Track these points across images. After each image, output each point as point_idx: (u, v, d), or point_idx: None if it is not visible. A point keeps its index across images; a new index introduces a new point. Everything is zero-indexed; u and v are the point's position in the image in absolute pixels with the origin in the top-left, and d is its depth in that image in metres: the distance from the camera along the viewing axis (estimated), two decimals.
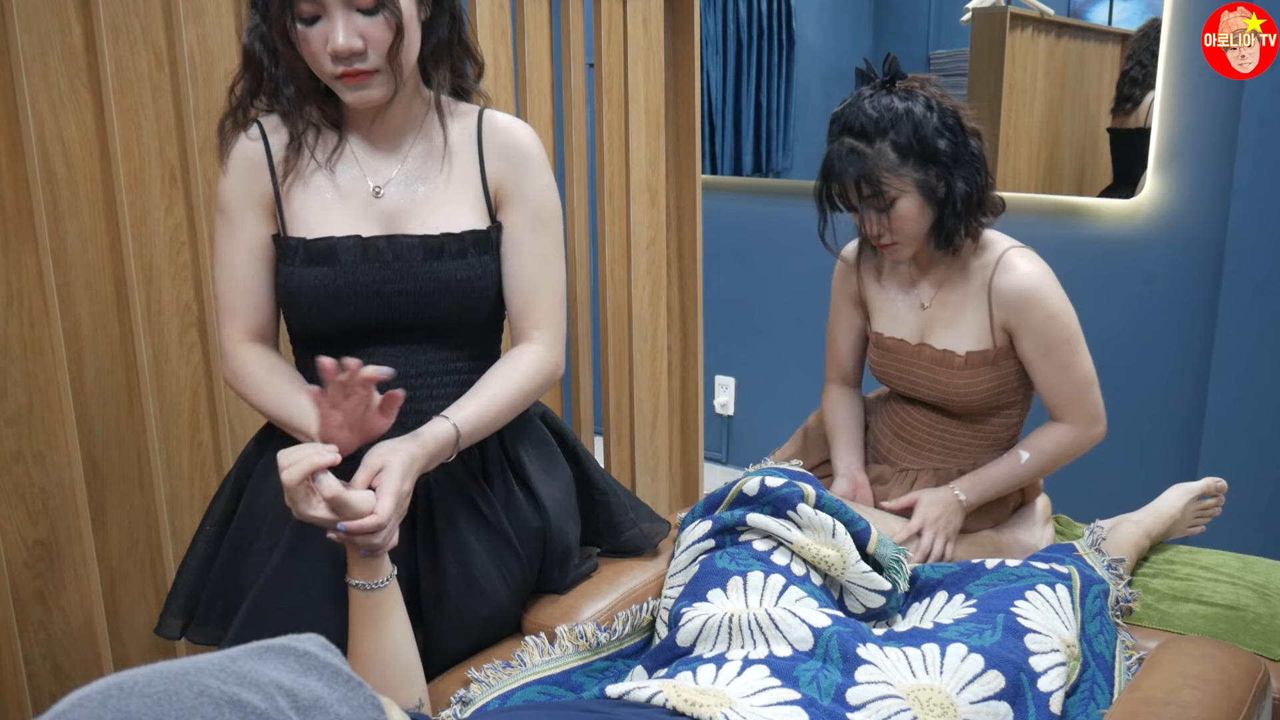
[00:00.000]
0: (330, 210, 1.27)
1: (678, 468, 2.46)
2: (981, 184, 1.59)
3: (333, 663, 0.73)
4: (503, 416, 1.30)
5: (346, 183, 1.28)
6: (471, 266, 1.28)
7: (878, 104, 1.55)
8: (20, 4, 1.32)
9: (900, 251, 1.62)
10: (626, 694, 1.05)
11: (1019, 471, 1.64)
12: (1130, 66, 2.65)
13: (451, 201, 1.29)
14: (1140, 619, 1.51)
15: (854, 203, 1.59)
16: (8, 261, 1.36)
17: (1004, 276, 1.59)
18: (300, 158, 1.27)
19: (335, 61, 1.17)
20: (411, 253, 1.26)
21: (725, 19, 3.37)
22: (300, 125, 1.26)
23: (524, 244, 1.31)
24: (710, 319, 2.61)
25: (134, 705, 0.63)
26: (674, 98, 2.27)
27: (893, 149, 1.54)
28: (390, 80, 1.20)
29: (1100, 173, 2.79)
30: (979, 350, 1.62)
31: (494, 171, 1.30)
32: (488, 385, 1.29)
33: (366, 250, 1.25)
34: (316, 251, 1.25)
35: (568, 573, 1.44)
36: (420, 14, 1.22)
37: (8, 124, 1.34)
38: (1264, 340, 2.43)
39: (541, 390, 1.34)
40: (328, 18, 1.15)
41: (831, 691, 1.10)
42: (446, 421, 1.23)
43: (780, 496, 1.41)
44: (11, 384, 1.38)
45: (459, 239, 1.27)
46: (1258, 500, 2.46)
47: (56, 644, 1.47)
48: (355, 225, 1.27)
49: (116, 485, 1.51)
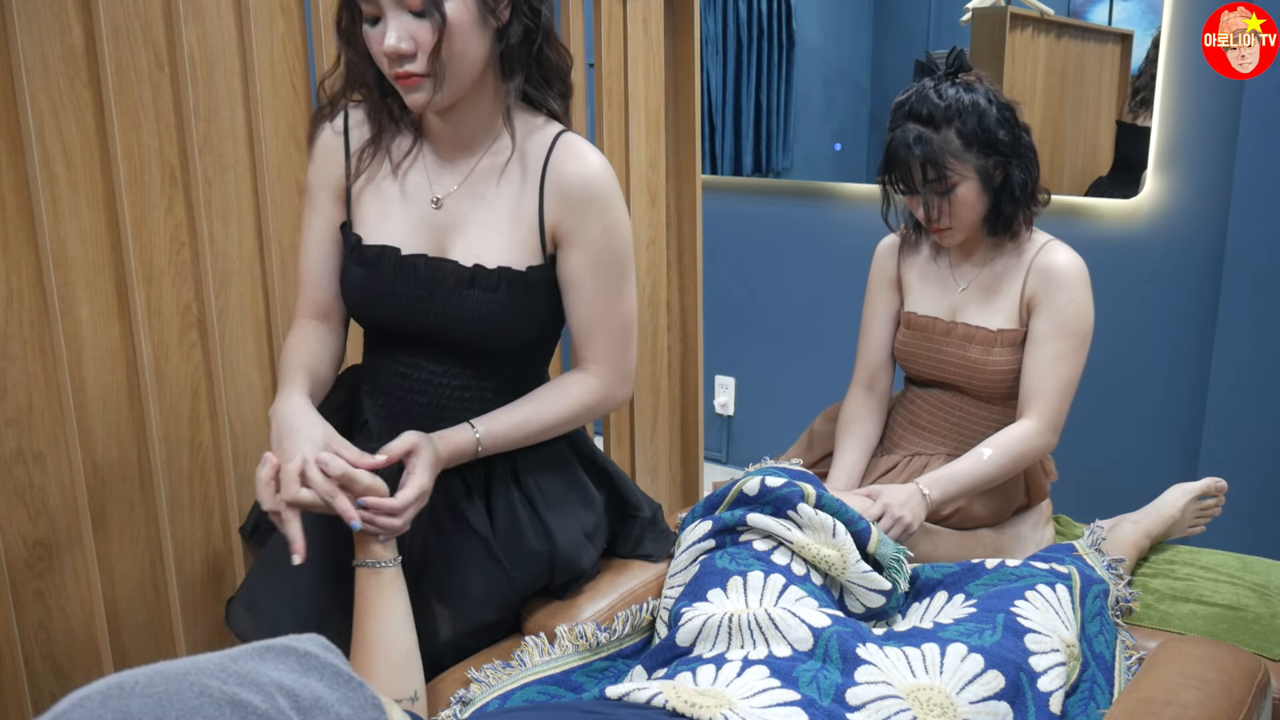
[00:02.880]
0: (390, 214, 1.31)
1: (678, 468, 2.46)
2: (1035, 174, 1.68)
3: (333, 663, 0.73)
4: (532, 437, 1.33)
5: (411, 189, 1.31)
6: (500, 303, 1.28)
7: (944, 93, 1.64)
8: (20, 4, 1.31)
9: (953, 236, 1.69)
10: (626, 695, 1.05)
11: (981, 468, 1.64)
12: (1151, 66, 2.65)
13: (500, 232, 1.29)
14: (1140, 619, 1.51)
15: (916, 186, 1.66)
16: (8, 261, 1.36)
17: (1048, 256, 1.68)
18: (376, 158, 1.32)
19: (389, 63, 1.19)
20: (444, 277, 1.28)
21: (725, 19, 3.37)
22: (381, 120, 1.30)
23: (584, 285, 1.31)
24: (710, 319, 2.61)
25: (134, 705, 0.63)
26: (674, 98, 2.27)
27: (958, 136, 1.62)
28: (437, 84, 1.19)
29: (1099, 171, 2.79)
30: (1009, 329, 1.68)
31: (551, 210, 1.29)
32: (525, 405, 1.32)
33: (404, 265, 1.29)
34: (364, 255, 1.31)
35: (571, 587, 1.43)
36: (487, 21, 1.20)
37: (8, 124, 1.34)
38: (1264, 340, 2.43)
39: (585, 419, 1.37)
40: (384, 19, 1.18)
41: (831, 692, 1.10)
42: (470, 430, 1.27)
43: (780, 496, 1.41)
44: (11, 384, 1.38)
45: (491, 275, 1.28)
46: (1258, 500, 2.46)
47: (56, 644, 1.47)
48: (408, 234, 1.30)
49: (116, 485, 1.51)
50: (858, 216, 2.93)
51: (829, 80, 3.42)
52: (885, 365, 1.85)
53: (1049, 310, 1.65)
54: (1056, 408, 1.64)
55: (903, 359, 1.81)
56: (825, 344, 3.10)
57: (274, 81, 1.61)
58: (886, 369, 1.86)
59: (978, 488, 1.65)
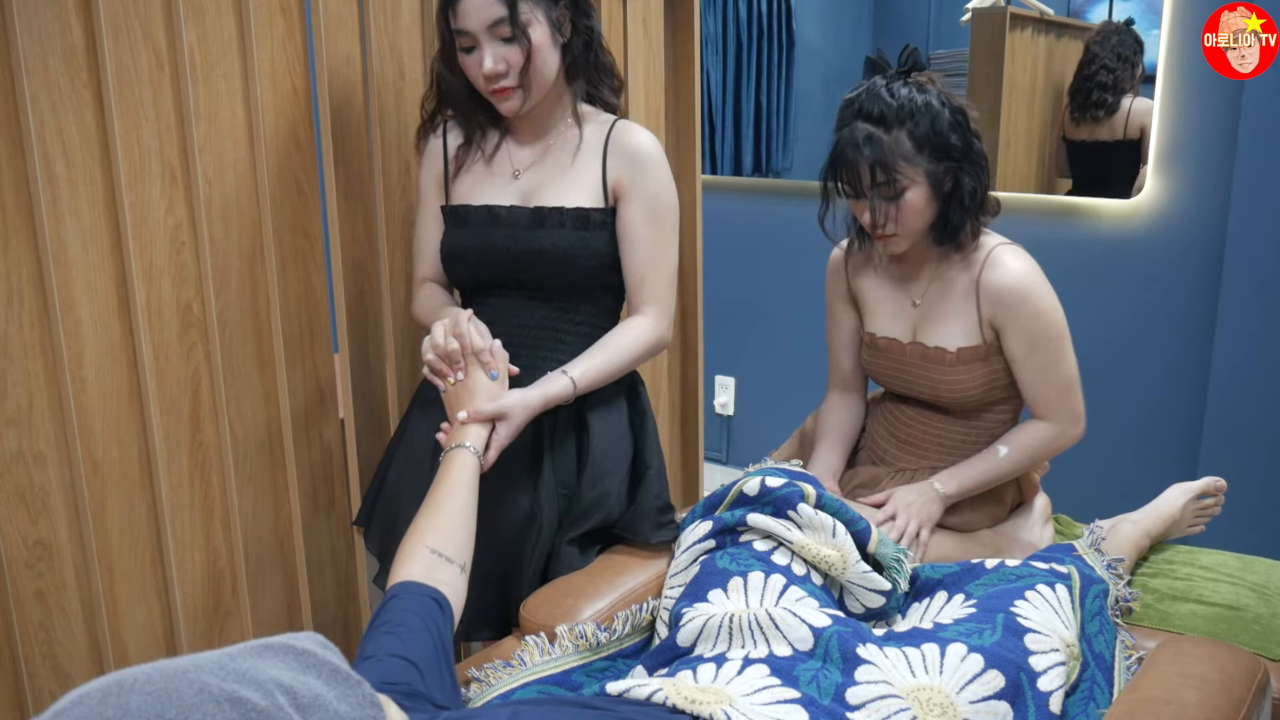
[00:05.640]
0: (480, 186, 1.61)
1: (678, 468, 2.46)
2: (985, 183, 1.60)
3: (332, 661, 0.74)
4: (613, 374, 1.56)
5: (496, 167, 1.61)
6: (567, 238, 1.53)
7: (896, 93, 1.56)
8: (20, 4, 1.31)
9: (898, 244, 1.62)
10: (626, 691, 1.05)
11: (997, 466, 1.64)
12: (1095, 70, 2.62)
13: (569, 185, 1.56)
14: (1140, 619, 1.51)
15: (863, 188, 1.58)
16: (8, 261, 1.36)
17: (992, 273, 1.59)
18: (469, 154, 1.62)
19: (486, 81, 1.48)
20: (521, 219, 1.55)
21: (725, 19, 3.37)
22: (472, 126, 1.61)
23: (639, 233, 1.56)
24: (710, 319, 2.61)
25: (134, 702, 0.63)
26: (674, 98, 2.27)
27: (909, 138, 1.55)
28: (524, 94, 1.51)
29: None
30: (969, 346, 1.63)
31: (614, 167, 1.56)
32: (604, 347, 1.55)
33: (491, 214, 1.57)
34: (459, 215, 1.60)
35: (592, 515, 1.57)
36: (557, 39, 1.51)
37: (8, 124, 1.34)
38: (1264, 340, 2.43)
39: (648, 355, 1.59)
40: (480, 48, 1.47)
41: (831, 691, 1.10)
42: (565, 377, 1.50)
43: (781, 496, 1.41)
44: (11, 384, 1.38)
45: (559, 213, 1.54)
46: (1258, 500, 2.46)
47: (56, 644, 1.47)
48: (494, 197, 1.59)
49: (116, 485, 1.51)
50: None
51: (829, 80, 3.42)
52: (855, 370, 1.84)
53: (1015, 330, 1.59)
54: (1066, 406, 1.63)
55: (875, 378, 1.79)
56: (825, 344, 3.10)
57: (274, 81, 1.61)
58: (857, 374, 1.85)
59: (995, 483, 1.66)
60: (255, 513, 1.68)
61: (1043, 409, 1.64)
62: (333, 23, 1.66)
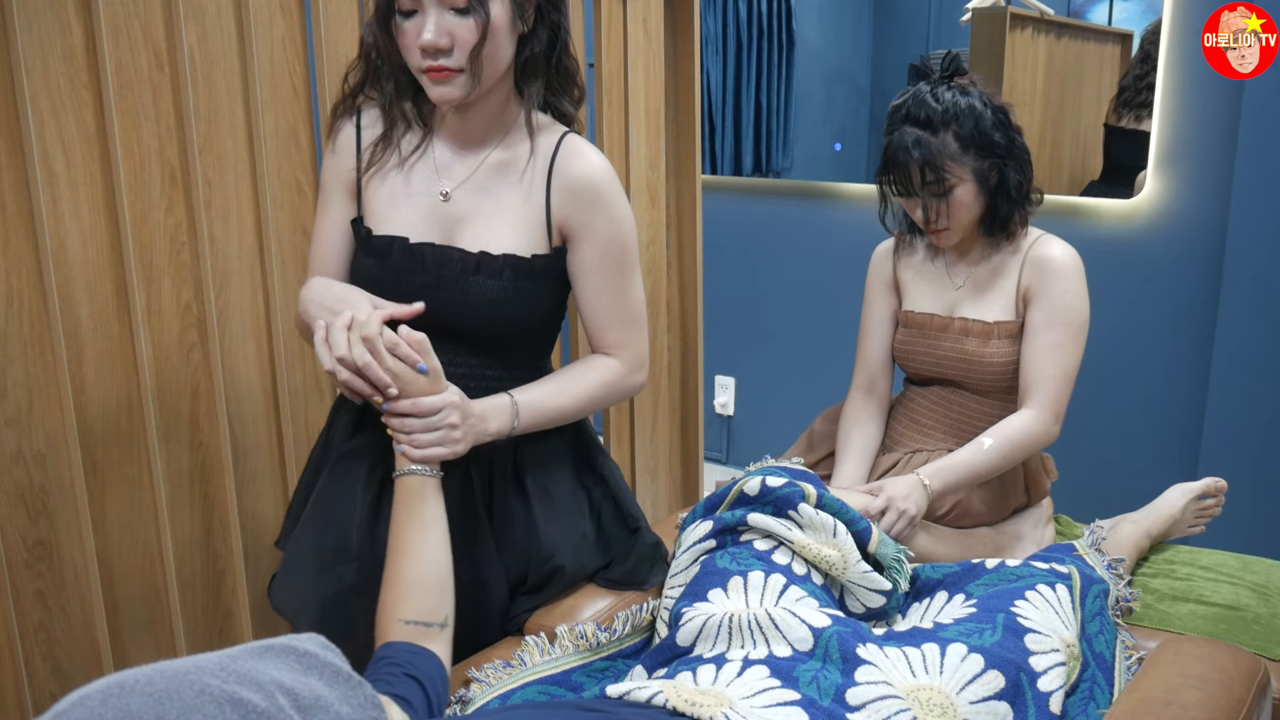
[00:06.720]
0: (399, 206, 1.34)
1: (678, 468, 2.46)
2: (1030, 175, 1.71)
3: (333, 662, 0.74)
4: (562, 412, 1.36)
5: (419, 183, 1.34)
6: (503, 289, 1.31)
7: (940, 97, 1.66)
8: (20, 4, 1.31)
9: (950, 237, 1.72)
10: (627, 694, 1.05)
11: (981, 458, 1.64)
12: (1147, 71, 2.63)
13: (508, 223, 1.33)
14: (1140, 619, 1.51)
15: (914, 188, 1.68)
16: (8, 261, 1.36)
17: (1042, 249, 1.71)
18: (386, 152, 1.35)
19: (423, 55, 1.23)
20: (451, 264, 1.31)
21: (725, 19, 3.37)
22: (394, 118, 1.34)
23: (593, 278, 1.37)
24: (710, 319, 2.61)
25: (135, 703, 0.63)
26: (674, 98, 2.27)
27: (955, 139, 1.65)
28: (470, 81, 1.25)
29: (1099, 170, 2.78)
30: (1005, 321, 1.71)
31: (559, 205, 1.34)
32: (557, 379, 1.37)
33: (412, 254, 1.32)
34: (373, 245, 1.33)
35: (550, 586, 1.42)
36: (516, 26, 1.27)
37: (8, 124, 1.34)
38: (1264, 339, 2.43)
39: (609, 399, 1.41)
40: (423, 13, 1.21)
41: (831, 692, 1.10)
42: (506, 395, 1.31)
43: (781, 496, 1.41)
44: (11, 384, 1.38)
45: (496, 260, 1.31)
46: (1258, 500, 2.46)
47: (56, 644, 1.47)
48: (415, 225, 1.33)
49: (116, 485, 1.51)
50: (857, 216, 2.93)
51: (829, 80, 3.42)
52: (885, 367, 1.86)
53: (1044, 300, 1.67)
54: (1056, 397, 1.66)
55: (901, 358, 1.82)
56: (825, 344, 3.11)
57: (274, 81, 1.61)
58: (886, 371, 1.86)
59: (979, 478, 1.66)
60: (255, 513, 1.68)
61: (1031, 390, 1.67)
62: (333, 23, 1.66)
